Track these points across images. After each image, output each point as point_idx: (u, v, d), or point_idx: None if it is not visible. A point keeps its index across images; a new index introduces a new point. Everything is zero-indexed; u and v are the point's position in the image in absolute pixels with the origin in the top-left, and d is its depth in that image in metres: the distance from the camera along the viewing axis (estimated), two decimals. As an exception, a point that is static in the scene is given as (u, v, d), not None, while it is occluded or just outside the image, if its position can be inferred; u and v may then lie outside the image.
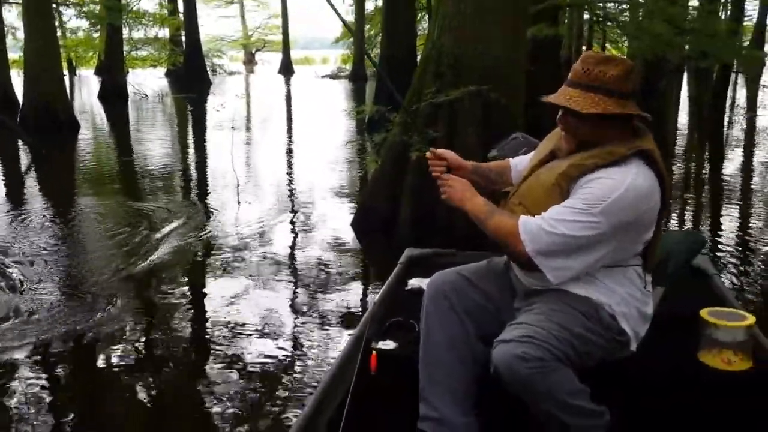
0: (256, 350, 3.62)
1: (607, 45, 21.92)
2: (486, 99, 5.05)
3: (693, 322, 2.12)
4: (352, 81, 28.77)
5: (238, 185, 7.47)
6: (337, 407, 2.06)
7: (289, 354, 3.60)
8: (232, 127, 9.19)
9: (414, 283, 2.76)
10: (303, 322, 4.01)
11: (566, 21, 16.64)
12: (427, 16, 18.06)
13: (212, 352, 3.63)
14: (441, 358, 2.01)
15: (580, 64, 1.89)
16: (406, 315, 2.40)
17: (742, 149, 11.16)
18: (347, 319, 3.99)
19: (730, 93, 17.01)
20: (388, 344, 2.29)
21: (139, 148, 11.66)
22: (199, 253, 5.35)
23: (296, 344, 3.72)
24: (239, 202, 7.03)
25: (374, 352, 2.21)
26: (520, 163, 2.28)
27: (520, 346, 1.70)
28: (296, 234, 5.91)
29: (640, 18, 10.64)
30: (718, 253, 5.25)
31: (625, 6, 11.28)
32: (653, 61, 13.21)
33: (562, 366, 1.74)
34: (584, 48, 14.41)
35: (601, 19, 11.38)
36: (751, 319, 2.09)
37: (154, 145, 11.72)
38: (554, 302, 1.87)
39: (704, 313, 2.10)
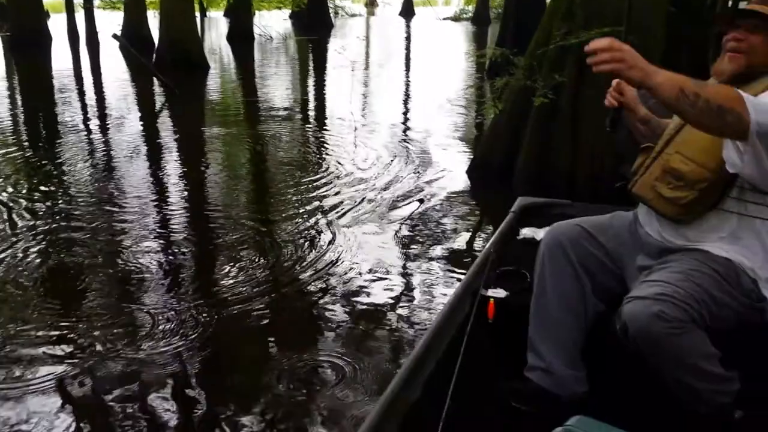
0: (369, 290, 3.71)
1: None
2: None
3: None
4: (475, 24, 28.05)
5: (355, 129, 7.56)
6: (445, 352, 2.07)
7: (400, 296, 3.66)
8: (352, 70, 9.24)
9: (526, 232, 2.71)
10: (414, 266, 4.04)
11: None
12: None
13: (326, 288, 3.75)
14: (553, 312, 1.99)
15: None
16: (518, 264, 2.39)
17: None
18: (457, 265, 3.99)
19: None
20: (499, 292, 2.28)
21: (263, 88, 12.03)
22: (314, 192, 5.46)
23: (406, 287, 3.77)
24: (356, 144, 7.13)
25: (492, 300, 2.21)
26: None
27: (657, 304, 1.63)
28: (410, 178, 5.90)
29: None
30: None
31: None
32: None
33: (698, 328, 1.66)
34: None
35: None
36: None
37: (277, 86, 12.07)
38: (693, 262, 1.78)
39: None
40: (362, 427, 1.65)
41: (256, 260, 4.09)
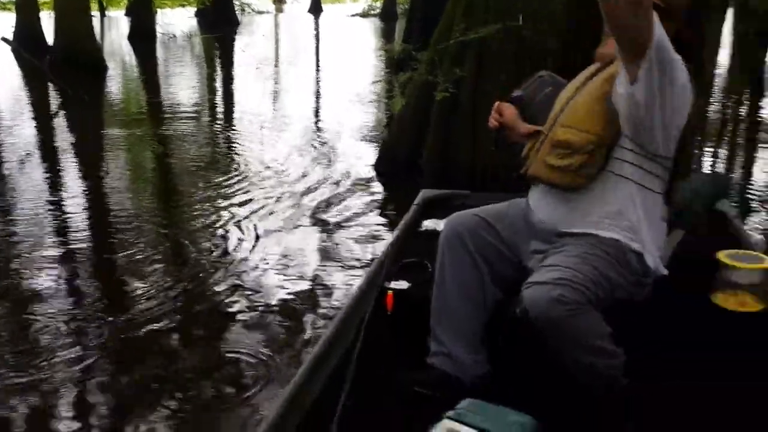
0: (277, 287, 3.68)
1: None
2: (519, 37, 4.87)
3: (711, 264, 2.10)
4: (383, 20, 28.23)
5: (261, 127, 7.48)
6: (350, 344, 2.08)
7: (308, 292, 3.64)
8: (257, 68, 9.15)
9: (428, 224, 2.76)
10: (321, 261, 4.04)
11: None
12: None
13: (234, 287, 3.69)
14: (453, 301, 2.02)
15: None
16: (420, 256, 2.41)
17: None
18: (364, 259, 4.02)
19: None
20: (401, 284, 2.31)
21: (167, 88, 11.72)
22: (227, 195, 5.35)
23: (315, 282, 3.76)
24: (262, 143, 7.06)
25: (390, 292, 2.23)
26: None
27: (556, 288, 1.69)
28: (321, 174, 5.88)
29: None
30: (748, 196, 5.14)
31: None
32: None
33: (594, 309, 1.74)
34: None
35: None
36: None
37: (182, 85, 11.77)
38: (586, 246, 1.85)
39: (722, 255, 2.09)
40: (263, 423, 1.64)
41: (168, 272, 3.92)
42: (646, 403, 1.87)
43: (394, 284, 2.30)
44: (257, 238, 4.39)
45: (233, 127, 8.18)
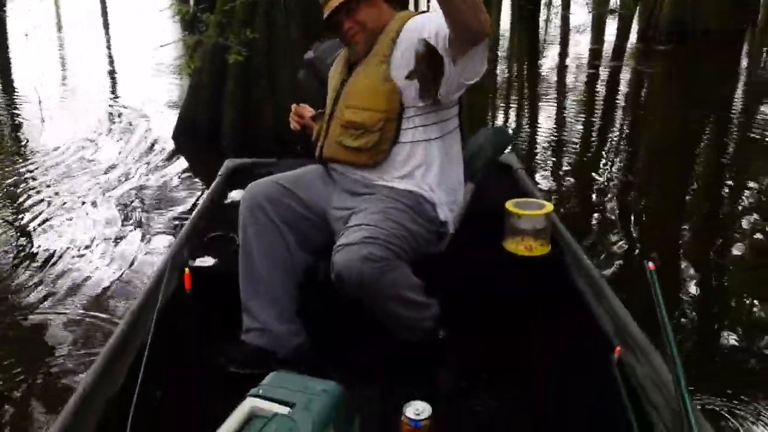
0: (78, 269, 3.46)
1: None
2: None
3: (500, 214, 2.23)
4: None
5: (40, 101, 6.78)
6: (151, 330, 1.94)
7: (109, 273, 3.43)
8: (26, 34, 8.23)
9: (234, 195, 2.67)
10: (124, 241, 3.79)
11: None
12: None
13: (31, 266, 3.47)
14: (261, 271, 1.97)
15: None
16: (227, 229, 2.33)
17: (557, 47, 11.74)
18: (167, 237, 3.81)
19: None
20: (207, 260, 2.22)
21: None
22: (17, 182, 4.83)
23: (117, 263, 3.54)
24: (43, 120, 6.43)
25: (187, 270, 2.11)
26: None
27: (364, 247, 1.70)
28: (111, 149, 5.47)
29: None
30: (533, 148, 5.58)
31: None
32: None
33: (402, 262, 1.77)
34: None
35: None
36: (549, 207, 2.22)
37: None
38: (385, 200, 1.89)
39: (509, 204, 2.22)
40: (54, 426, 1.46)
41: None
42: (456, 350, 1.95)
43: (198, 261, 2.20)
44: (46, 220, 4.03)
45: (15, 102, 7.34)
